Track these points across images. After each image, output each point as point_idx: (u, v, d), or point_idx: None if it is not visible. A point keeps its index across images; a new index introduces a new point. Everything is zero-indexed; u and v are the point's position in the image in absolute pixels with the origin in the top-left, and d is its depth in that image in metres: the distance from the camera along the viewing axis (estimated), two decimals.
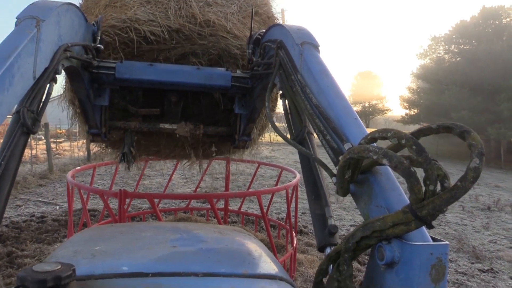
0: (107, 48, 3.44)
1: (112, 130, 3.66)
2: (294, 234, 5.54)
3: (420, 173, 1.25)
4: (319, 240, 1.84)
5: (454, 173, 16.44)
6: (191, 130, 3.67)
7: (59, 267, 0.92)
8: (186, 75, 3.27)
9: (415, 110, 38.69)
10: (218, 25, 3.61)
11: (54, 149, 17.67)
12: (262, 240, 4.42)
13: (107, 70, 3.12)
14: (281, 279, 1.37)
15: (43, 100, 2.07)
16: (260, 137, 4.49)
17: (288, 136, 2.31)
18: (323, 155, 2.09)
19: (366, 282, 1.40)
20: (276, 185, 6.83)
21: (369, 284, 1.36)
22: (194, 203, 8.52)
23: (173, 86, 3.39)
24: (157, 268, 1.26)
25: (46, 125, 14.70)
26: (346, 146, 1.58)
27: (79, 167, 5.63)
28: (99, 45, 2.97)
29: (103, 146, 4.18)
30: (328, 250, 1.78)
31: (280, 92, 2.36)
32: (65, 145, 20.71)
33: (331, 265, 1.45)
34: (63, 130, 25.57)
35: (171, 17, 3.50)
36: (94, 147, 4.31)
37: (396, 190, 1.43)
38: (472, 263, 6.81)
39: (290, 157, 20.40)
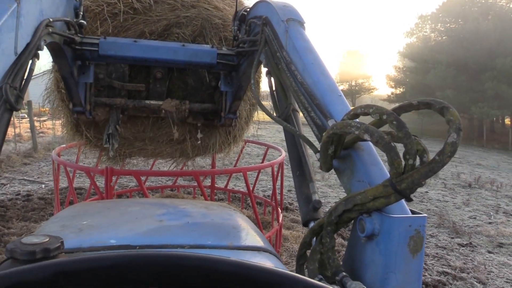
0: (95, 20, 3.50)
1: (97, 107, 3.62)
2: (280, 211, 5.63)
3: (401, 148, 1.27)
4: (304, 215, 1.87)
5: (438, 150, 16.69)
6: (176, 105, 3.67)
7: (48, 239, 0.92)
8: (171, 52, 3.25)
9: (401, 89, 38.97)
10: None
11: (37, 128, 17.43)
12: (248, 217, 4.50)
13: (90, 46, 3.08)
14: (265, 250, 1.40)
15: (25, 76, 2.03)
16: (249, 123, 4.55)
17: (274, 113, 2.34)
18: (308, 132, 2.12)
19: (348, 254, 1.44)
20: (262, 162, 6.89)
21: (351, 256, 1.41)
22: (181, 181, 8.55)
23: (158, 63, 3.37)
24: (145, 241, 1.28)
25: (29, 103, 14.44)
26: (330, 123, 1.59)
27: (64, 145, 5.58)
28: (81, 21, 2.92)
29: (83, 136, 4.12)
30: (312, 225, 1.79)
31: (266, 69, 2.37)
32: (49, 123, 20.41)
33: (314, 238, 1.49)
34: (47, 109, 25.13)
35: None
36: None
37: (377, 165, 1.47)
38: (452, 238, 7.03)
39: (276, 135, 20.46)
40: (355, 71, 61.10)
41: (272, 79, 2.33)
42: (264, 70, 2.51)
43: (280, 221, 5.41)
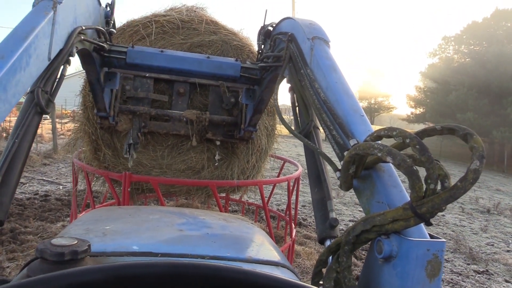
0: (129, 41, 3.92)
1: (121, 114, 3.73)
2: (293, 226, 5.59)
3: (422, 172, 1.27)
4: (320, 232, 1.87)
5: (456, 174, 16.44)
6: (197, 114, 3.79)
7: (76, 242, 0.96)
8: (196, 63, 3.33)
9: (421, 109, 38.55)
10: (220, 25, 4.30)
11: (59, 129, 17.77)
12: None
13: (118, 54, 3.16)
14: (283, 266, 1.40)
15: (56, 81, 2.12)
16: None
17: (294, 128, 2.35)
18: (327, 149, 2.13)
19: (364, 274, 1.43)
20: (278, 176, 6.87)
21: (367, 276, 1.40)
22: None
23: (183, 73, 3.46)
24: (166, 249, 1.30)
25: (52, 105, 14.75)
26: (352, 142, 1.60)
27: (84, 148, 5.67)
28: (111, 29, 3.00)
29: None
30: (328, 243, 1.80)
31: (289, 85, 2.39)
32: (70, 125, 20.74)
33: (331, 257, 1.49)
34: (69, 111, 25.62)
35: (183, 13, 4.26)
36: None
37: (397, 187, 1.46)
38: (468, 264, 6.87)
39: (292, 150, 20.41)
40: (375, 89, 60.78)
41: (295, 95, 2.35)
42: (284, 84, 2.54)
43: (293, 236, 5.37)
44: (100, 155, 4.14)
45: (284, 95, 2.97)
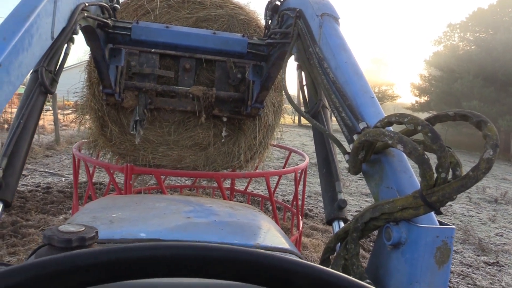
0: (133, 16, 3.84)
1: (126, 90, 3.70)
2: (301, 218, 5.48)
3: (432, 158, 1.23)
4: (328, 213, 1.87)
5: (462, 164, 16.26)
6: (204, 91, 3.72)
7: (83, 229, 0.95)
8: (201, 39, 3.30)
9: (426, 98, 38.30)
10: None
11: (61, 121, 17.71)
12: None
13: (123, 30, 3.16)
14: (291, 253, 1.39)
15: (60, 60, 2.10)
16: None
17: (303, 108, 2.28)
18: (336, 127, 2.03)
19: (372, 261, 1.41)
20: (284, 167, 6.76)
21: (375, 263, 1.38)
22: (199, 181, 8.47)
23: (188, 50, 3.42)
24: (173, 236, 1.29)
25: (54, 96, 14.66)
26: (361, 125, 1.56)
27: (85, 140, 5.55)
28: (115, 5, 2.95)
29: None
30: (336, 224, 1.81)
31: (297, 63, 2.30)
32: (72, 116, 20.67)
33: (339, 244, 1.48)
34: (71, 102, 25.60)
35: None
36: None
37: (407, 172, 1.43)
38: (478, 256, 6.75)
39: (297, 139, 20.31)
40: (378, 78, 60.49)
41: (303, 73, 2.28)
42: (292, 62, 2.46)
43: (300, 228, 5.26)
44: (107, 131, 4.11)
45: (290, 82, 2.86)
